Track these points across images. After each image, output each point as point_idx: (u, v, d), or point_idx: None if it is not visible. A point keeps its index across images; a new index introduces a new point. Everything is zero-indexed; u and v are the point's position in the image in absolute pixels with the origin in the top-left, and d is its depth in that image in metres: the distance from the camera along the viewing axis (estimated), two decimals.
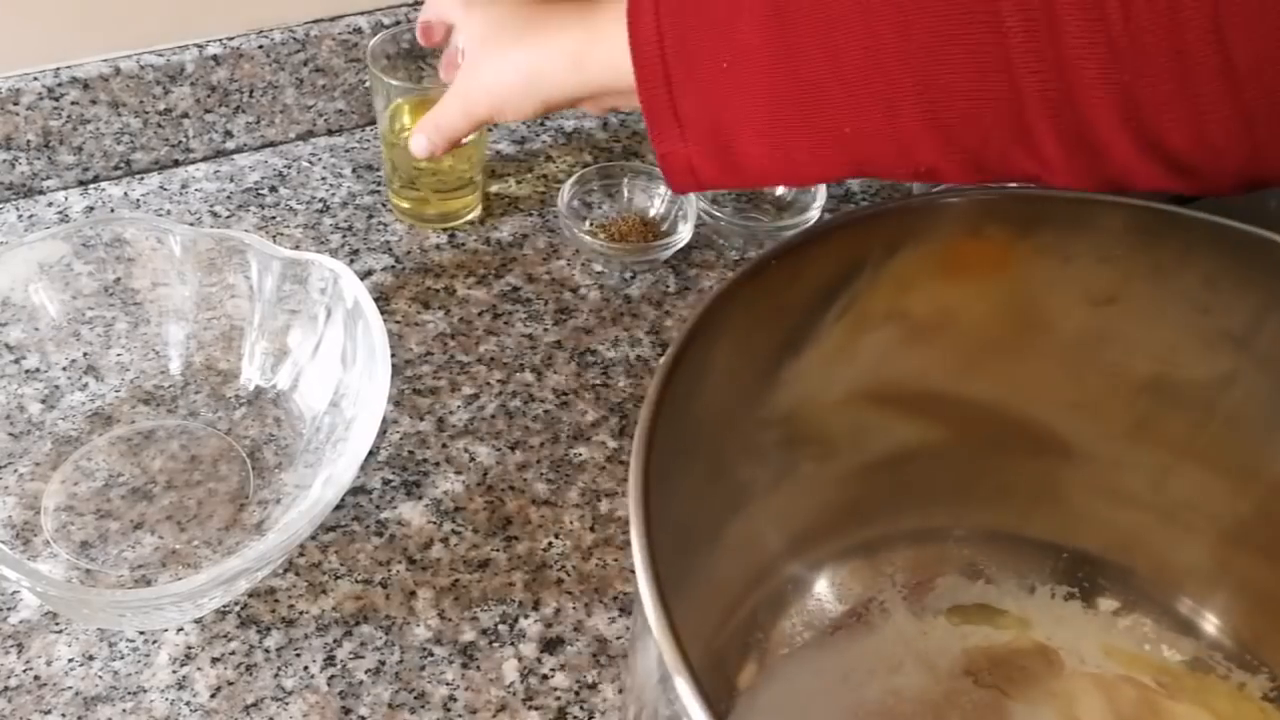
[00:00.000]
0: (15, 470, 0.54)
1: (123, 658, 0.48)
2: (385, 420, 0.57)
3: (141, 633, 0.49)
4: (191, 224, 0.66)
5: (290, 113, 0.72)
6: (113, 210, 0.68)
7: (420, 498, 0.55)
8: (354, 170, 0.72)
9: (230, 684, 0.48)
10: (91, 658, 0.48)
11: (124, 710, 0.47)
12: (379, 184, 0.71)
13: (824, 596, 0.48)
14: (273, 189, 0.70)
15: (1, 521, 0.52)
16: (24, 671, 0.48)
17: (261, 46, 0.69)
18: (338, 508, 0.52)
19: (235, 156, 0.72)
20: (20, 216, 0.67)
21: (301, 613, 0.50)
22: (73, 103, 0.67)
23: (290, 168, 0.72)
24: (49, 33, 0.66)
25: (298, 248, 0.66)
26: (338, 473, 0.49)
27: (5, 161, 0.67)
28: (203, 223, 0.68)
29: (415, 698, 0.48)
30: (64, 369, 0.57)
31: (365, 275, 0.65)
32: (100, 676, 0.48)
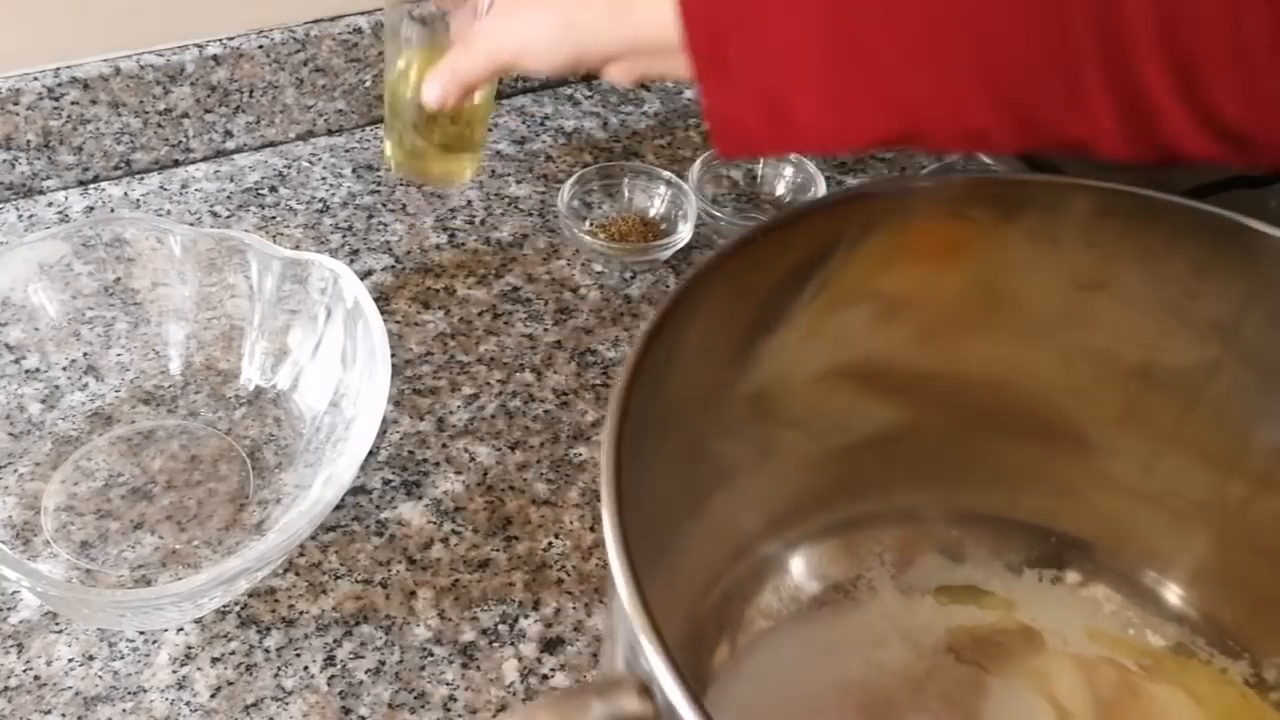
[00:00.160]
0: (15, 470, 0.54)
1: (123, 658, 0.48)
2: (385, 420, 0.57)
3: (141, 633, 0.49)
4: (191, 224, 0.66)
5: (290, 113, 0.72)
6: (113, 210, 0.68)
7: (420, 498, 0.55)
8: (354, 170, 0.72)
9: (230, 684, 0.48)
10: (91, 658, 0.48)
11: (124, 710, 0.47)
12: (379, 184, 0.71)
13: (803, 574, 0.48)
14: (273, 189, 0.70)
15: (1, 521, 0.52)
16: (24, 671, 0.48)
17: (261, 46, 0.69)
18: (338, 508, 0.52)
19: (235, 156, 0.72)
20: (20, 216, 0.67)
21: (301, 613, 0.50)
22: (73, 103, 0.67)
23: (290, 168, 0.72)
24: (49, 33, 0.66)
25: (298, 248, 0.66)
26: (338, 473, 0.49)
27: (5, 161, 0.67)
28: (203, 223, 0.68)
29: (415, 698, 0.48)
30: (64, 369, 0.57)
31: (365, 275, 0.65)
32: (100, 676, 0.48)
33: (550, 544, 0.53)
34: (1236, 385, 0.43)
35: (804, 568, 0.48)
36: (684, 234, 0.66)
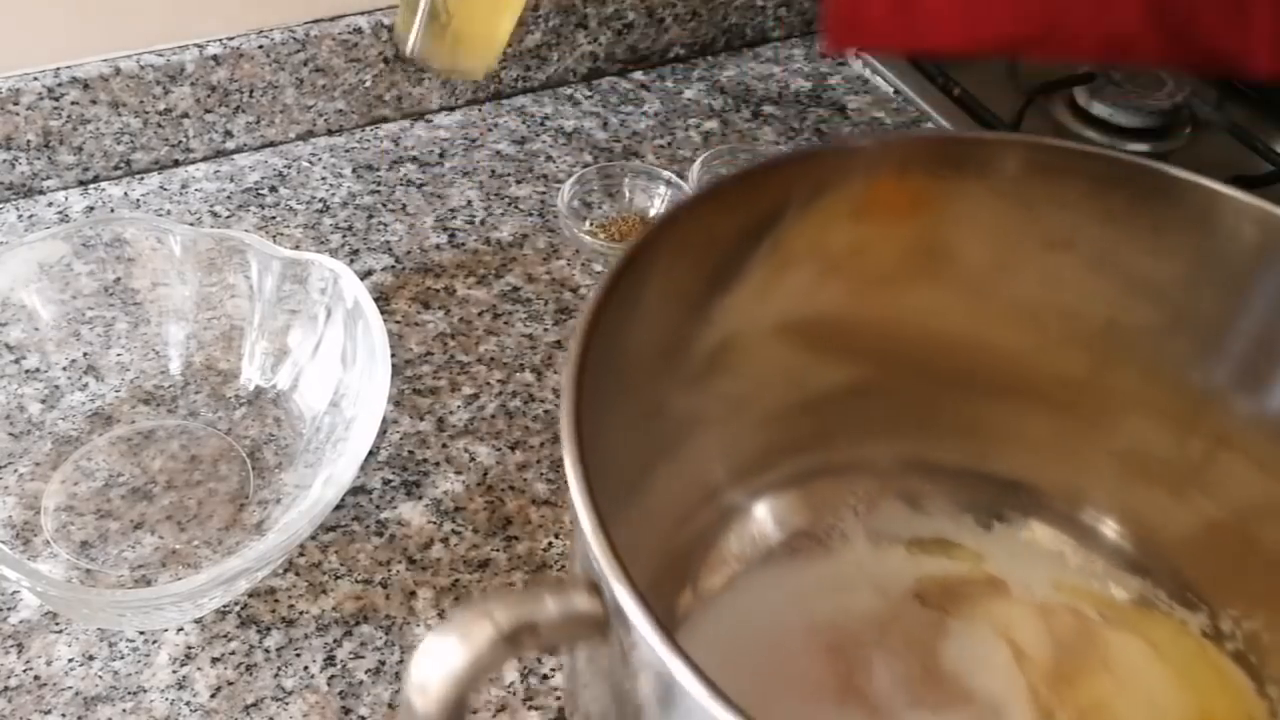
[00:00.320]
0: (15, 470, 0.54)
1: (123, 658, 0.49)
2: (385, 420, 0.57)
3: (141, 633, 0.49)
4: (191, 224, 0.66)
5: (290, 113, 0.72)
6: (113, 210, 0.68)
7: (420, 498, 0.55)
8: (354, 170, 0.72)
9: (230, 684, 0.48)
10: (91, 658, 0.48)
11: (124, 710, 0.47)
12: (379, 184, 0.71)
13: (769, 521, 0.49)
14: (273, 189, 0.70)
15: (1, 521, 0.52)
16: (24, 671, 0.48)
17: (261, 46, 0.69)
18: (338, 508, 0.52)
19: (235, 156, 0.72)
20: (20, 216, 0.67)
21: (301, 613, 0.50)
22: (73, 103, 0.67)
23: (290, 168, 0.72)
24: (49, 33, 0.66)
25: (298, 248, 0.66)
26: (338, 473, 0.49)
27: (5, 161, 0.67)
28: (203, 223, 0.68)
29: None
30: (64, 369, 0.57)
31: (365, 275, 0.65)
32: (100, 676, 0.48)
33: (550, 544, 0.53)
34: (1195, 344, 0.44)
35: (769, 515, 0.49)
36: None
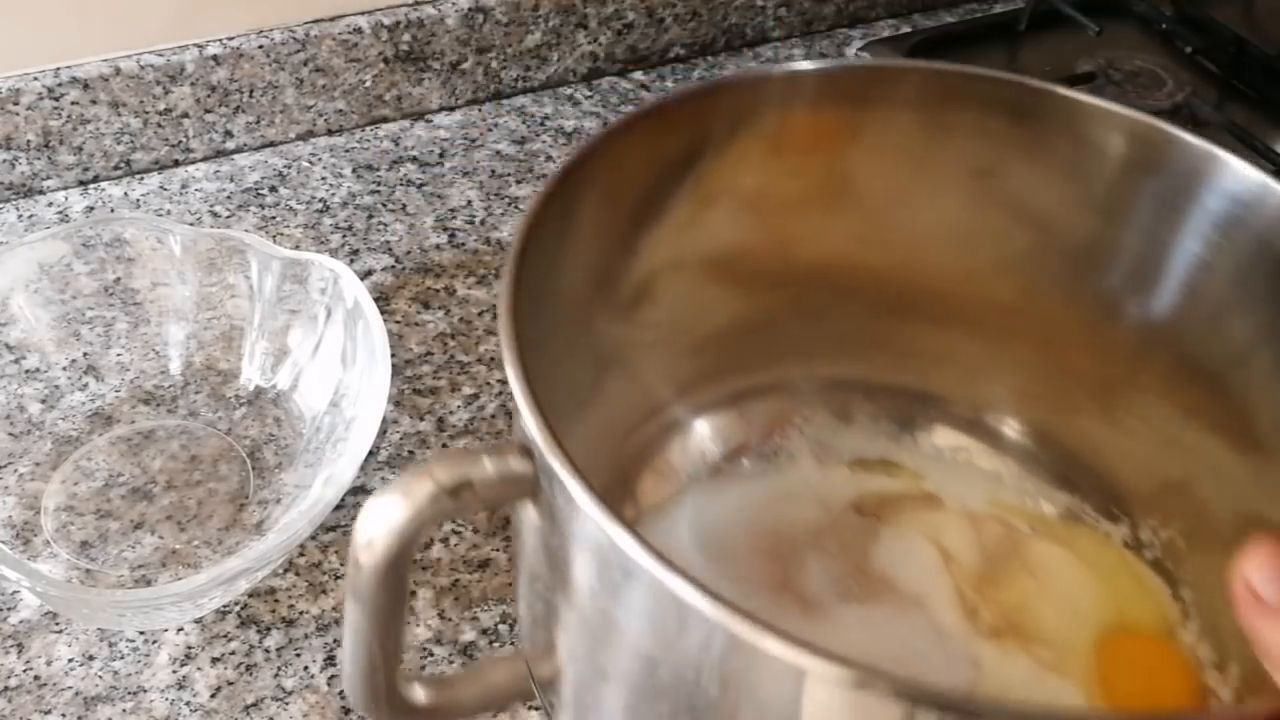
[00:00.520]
0: (15, 470, 0.54)
1: (123, 658, 0.49)
2: (385, 420, 0.57)
3: (141, 633, 0.49)
4: (191, 224, 0.66)
5: (290, 113, 0.73)
6: (113, 210, 0.68)
7: None
8: (354, 170, 0.72)
9: (230, 684, 0.48)
10: (91, 658, 0.48)
11: (124, 710, 0.47)
12: (379, 184, 0.71)
13: (707, 440, 0.51)
14: (273, 189, 0.70)
15: (1, 521, 0.52)
16: (24, 671, 0.48)
17: (261, 46, 0.69)
18: (338, 508, 0.52)
19: (235, 156, 0.72)
20: (20, 216, 0.67)
21: (301, 613, 0.50)
22: (73, 103, 0.67)
23: (290, 168, 0.72)
24: (49, 33, 0.66)
25: (298, 248, 0.66)
26: (338, 472, 0.49)
27: (5, 161, 0.67)
28: (203, 223, 0.68)
29: None
30: (64, 369, 0.57)
31: (365, 275, 0.65)
32: (100, 676, 0.48)
33: None
34: (1118, 266, 0.46)
35: (709, 432, 0.51)
36: None
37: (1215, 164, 0.43)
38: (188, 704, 0.47)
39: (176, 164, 0.71)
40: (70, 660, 0.48)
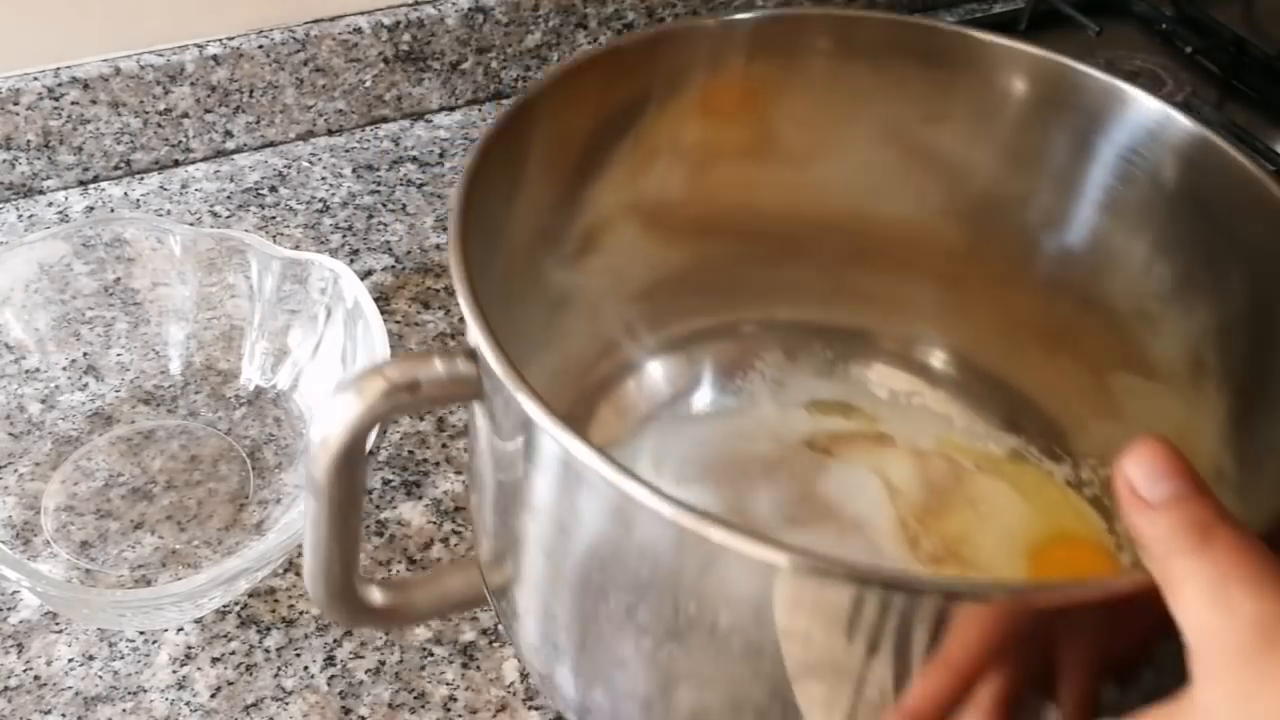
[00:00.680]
0: (15, 470, 0.54)
1: (123, 658, 0.48)
2: (385, 420, 0.57)
3: (141, 633, 0.49)
4: (191, 224, 0.66)
5: (290, 113, 0.72)
6: (113, 210, 0.68)
7: (420, 498, 0.55)
8: (354, 170, 0.72)
9: (230, 684, 0.48)
10: (91, 658, 0.48)
11: (124, 710, 0.47)
12: (379, 184, 0.71)
13: (660, 383, 0.53)
14: (273, 189, 0.70)
15: (1, 521, 0.52)
16: (24, 671, 0.48)
17: (261, 46, 0.69)
18: None
19: (235, 156, 0.72)
20: (20, 216, 0.67)
21: (301, 613, 0.50)
22: (73, 103, 0.67)
23: (290, 168, 0.72)
24: (49, 33, 0.66)
25: (298, 248, 0.66)
26: None
27: (5, 161, 0.67)
28: (203, 223, 0.68)
29: (415, 698, 0.48)
30: (64, 369, 0.57)
31: (365, 275, 0.65)
32: (100, 676, 0.48)
33: None
34: (1033, 205, 0.48)
35: (663, 375, 0.53)
36: None
37: (1121, 98, 0.44)
38: (188, 704, 0.47)
39: (176, 164, 0.71)
40: (70, 660, 0.48)
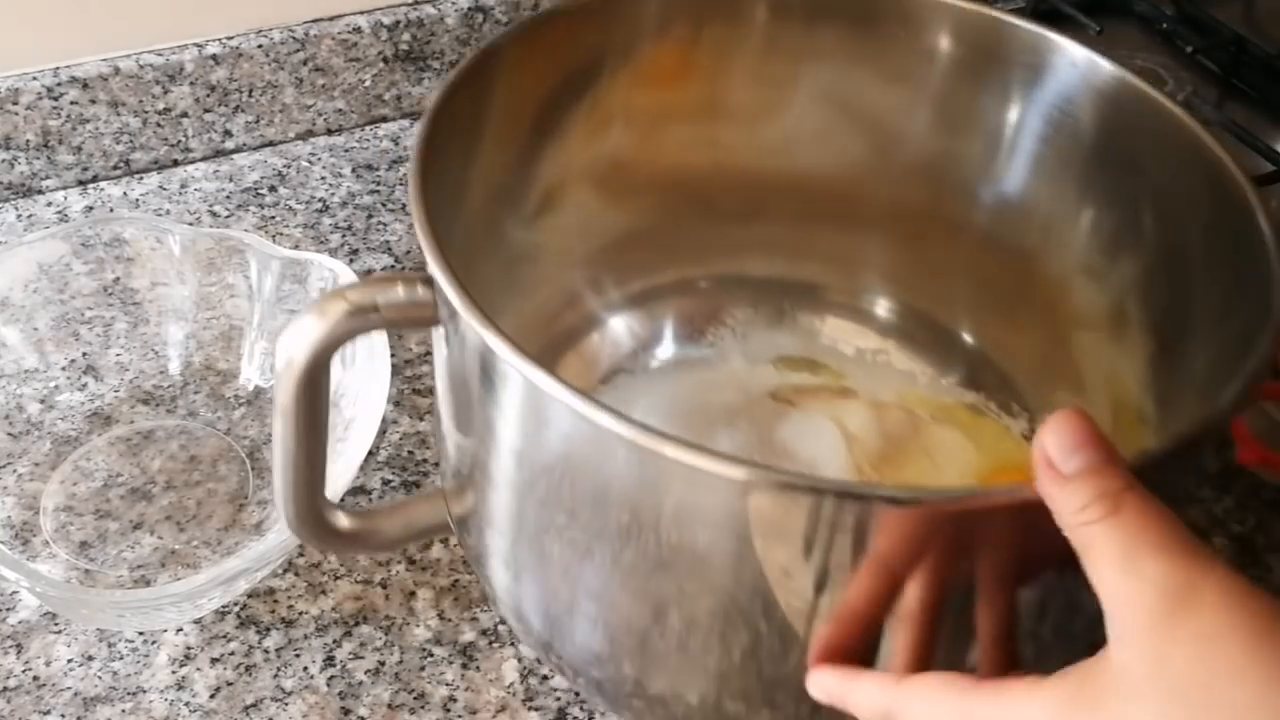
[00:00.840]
0: (14, 470, 0.54)
1: (122, 658, 0.48)
2: (385, 420, 0.57)
3: (141, 633, 0.49)
4: (191, 224, 0.66)
5: (290, 112, 0.72)
6: (112, 210, 0.68)
7: None
8: (354, 170, 0.72)
9: (230, 684, 0.48)
10: (91, 658, 0.48)
11: (123, 710, 0.47)
12: (379, 184, 0.71)
13: (624, 336, 0.55)
14: (272, 189, 0.70)
15: (1, 521, 0.52)
16: (23, 672, 0.48)
17: (261, 46, 0.69)
18: None
19: (235, 156, 0.72)
20: (20, 216, 0.67)
21: (301, 613, 0.50)
22: (72, 102, 0.67)
23: (290, 167, 0.72)
24: (49, 33, 0.66)
25: (297, 247, 0.66)
26: (337, 472, 0.49)
27: (5, 161, 0.67)
28: (202, 222, 0.68)
29: (415, 698, 0.48)
30: (64, 369, 0.57)
31: (365, 275, 0.65)
32: (100, 677, 0.48)
33: None
34: (994, 167, 0.50)
35: (625, 329, 0.55)
36: None
37: (1050, 47, 0.46)
38: (187, 704, 0.47)
39: (176, 164, 0.71)
40: (70, 660, 0.48)
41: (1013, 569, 0.34)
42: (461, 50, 0.75)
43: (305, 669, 0.48)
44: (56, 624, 0.49)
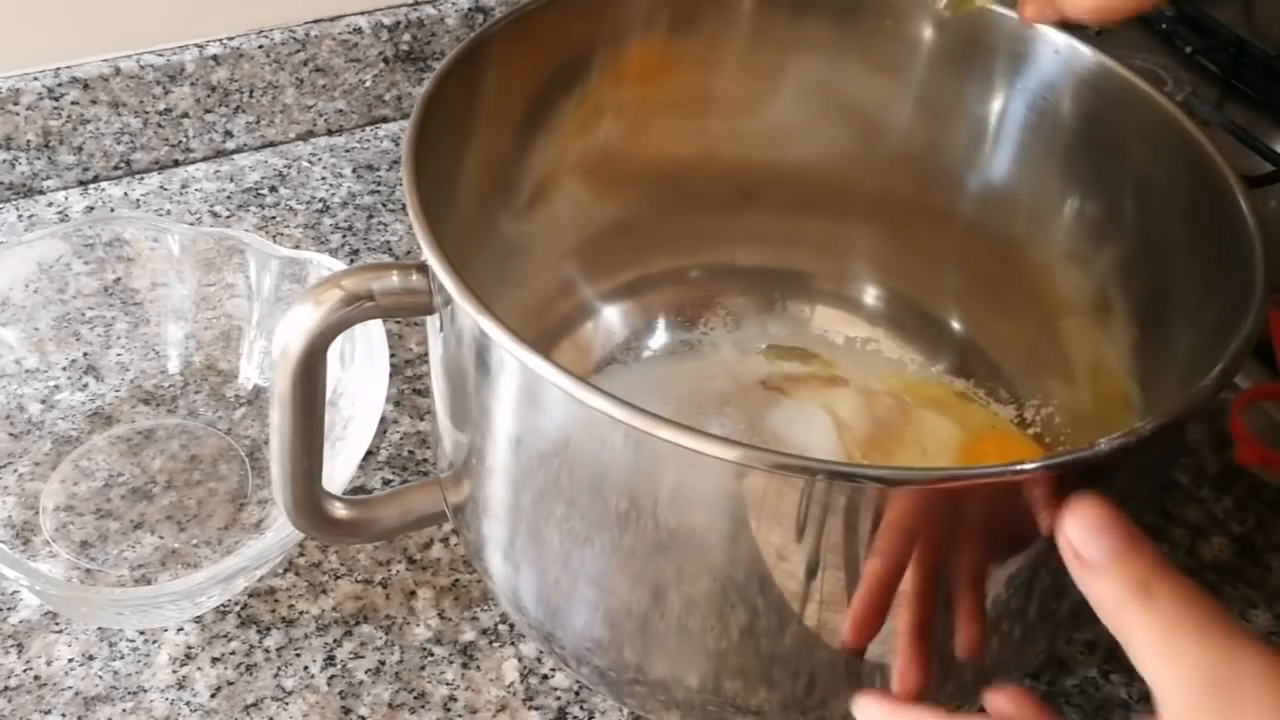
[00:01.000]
0: (15, 470, 0.54)
1: (123, 658, 0.48)
2: (385, 420, 0.57)
3: (141, 633, 0.49)
4: (191, 224, 0.66)
5: (290, 113, 0.72)
6: (112, 210, 0.68)
7: None
8: (354, 170, 0.72)
9: (230, 684, 0.48)
10: (91, 658, 0.48)
11: (124, 710, 0.47)
12: (379, 184, 0.71)
13: (616, 325, 0.56)
14: (273, 189, 0.70)
15: (1, 521, 0.52)
16: (24, 671, 0.48)
17: (261, 46, 0.69)
18: None
19: (235, 156, 0.72)
20: (20, 216, 0.67)
21: (301, 613, 0.50)
22: (73, 103, 0.67)
23: (290, 168, 0.72)
24: (49, 33, 0.66)
25: (298, 247, 0.66)
26: (336, 471, 0.49)
27: (5, 161, 0.67)
28: (203, 222, 0.68)
29: (415, 698, 0.48)
30: (64, 369, 0.57)
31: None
32: (100, 676, 0.48)
33: None
34: (979, 156, 0.50)
35: (618, 318, 0.56)
36: None
37: (1032, 34, 0.46)
38: (188, 704, 0.47)
39: (176, 164, 0.71)
40: (70, 660, 0.48)
41: (998, 548, 0.34)
42: None
43: (306, 668, 0.48)
44: (57, 623, 0.49)
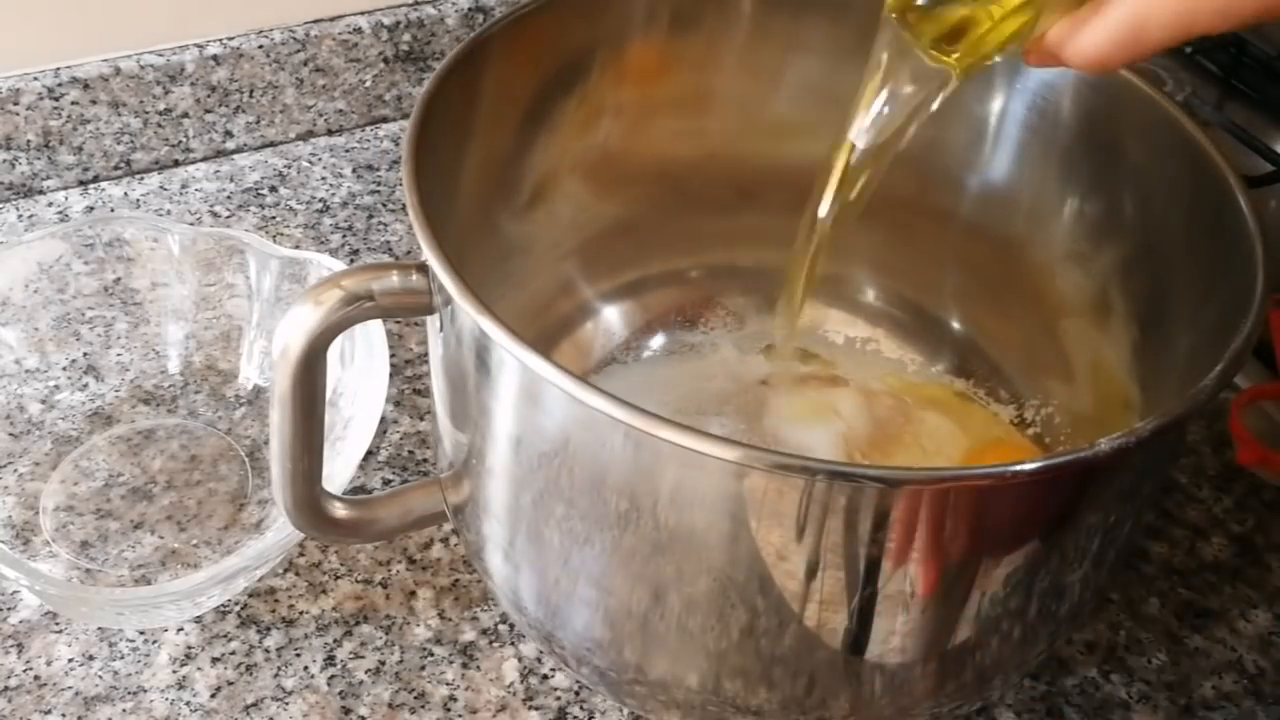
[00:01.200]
0: (15, 470, 0.54)
1: (123, 658, 0.48)
2: (385, 420, 0.57)
3: (141, 633, 0.49)
4: (191, 224, 0.66)
5: (290, 113, 0.72)
6: (112, 210, 0.68)
7: None
8: (354, 170, 0.72)
9: (230, 684, 0.48)
10: (91, 658, 0.48)
11: (124, 710, 0.47)
12: (379, 184, 0.71)
13: (617, 325, 0.56)
14: (273, 189, 0.70)
15: (1, 521, 0.52)
16: (24, 671, 0.48)
17: (261, 46, 0.69)
18: None
19: (235, 156, 0.72)
20: (20, 216, 0.67)
21: (301, 613, 0.50)
22: (73, 103, 0.67)
23: (290, 168, 0.72)
24: (49, 33, 0.66)
25: (298, 248, 0.66)
26: (335, 472, 0.49)
27: (5, 161, 0.67)
28: (203, 222, 0.68)
29: (415, 698, 0.48)
30: (64, 369, 0.57)
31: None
32: (100, 676, 0.48)
33: None
34: (979, 156, 0.51)
35: (618, 318, 0.56)
36: None
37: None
38: (188, 704, 0.47)
39: (176, 164, 0.71)
40: (70, 660, 0.48)
41: (998, 547, 0.34)
42: None
43: (306, 668, 0.48)
44: (57, 623, 0.49)
